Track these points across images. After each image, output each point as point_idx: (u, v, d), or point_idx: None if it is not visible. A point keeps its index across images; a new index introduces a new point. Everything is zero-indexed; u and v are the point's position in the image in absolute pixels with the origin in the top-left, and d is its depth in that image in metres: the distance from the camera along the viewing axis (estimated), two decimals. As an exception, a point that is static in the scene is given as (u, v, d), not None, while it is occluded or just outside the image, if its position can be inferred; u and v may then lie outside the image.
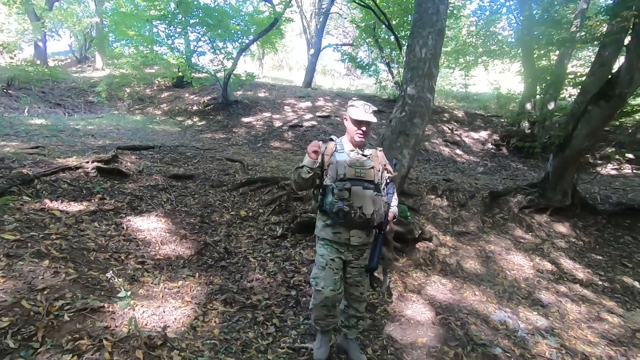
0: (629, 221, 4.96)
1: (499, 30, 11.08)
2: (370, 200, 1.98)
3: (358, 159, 2.05)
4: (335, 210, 1.95)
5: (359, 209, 1.95)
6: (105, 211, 3.48)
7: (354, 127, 2.05)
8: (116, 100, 10.65)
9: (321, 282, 2.06)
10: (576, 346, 2.80)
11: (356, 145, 2.09)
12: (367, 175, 2.02)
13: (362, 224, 2.00)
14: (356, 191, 1.96)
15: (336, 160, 2.04)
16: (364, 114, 2.00)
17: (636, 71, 4.07)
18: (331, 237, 2.06)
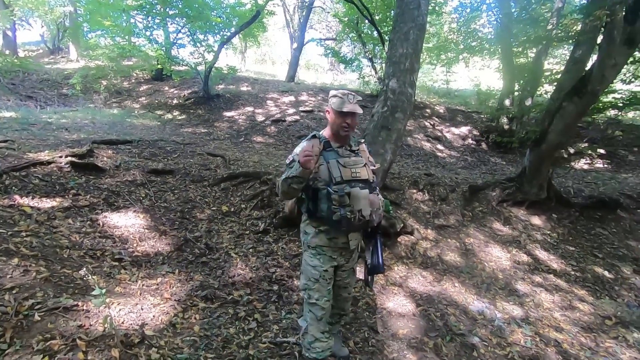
0: (600, 214, 5.17)
1: (479, 27, 11.27)
2: (368, 201, 1.82)
3: (349, 157, 1.87)
4: (337, 218, 1.76)
5: (359, 212, 1.79)
6: (80, 207, 3.36)
7: (338, 119, 1.84)
8: (92, 93, 10.26)
9: (315, 294, 1.91)
10: (549, 334, 2.91)
11: (341, 140, 1.90)
12: (362, 174, 1.85)
13: (361, 226, 1.86)
14: (355, 194, 1.78)
15: (327, 160, 1.83)
16: (348, 105, 1.81)
17: (607, 69, 4.21)
18: (326, 244, 1.89)
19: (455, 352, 2.52)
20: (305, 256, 1.97)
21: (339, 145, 1.90)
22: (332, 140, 1.91)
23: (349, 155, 1.88)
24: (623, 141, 8.25)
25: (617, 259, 4.41)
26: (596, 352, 2.76)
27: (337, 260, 1.94)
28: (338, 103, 1.83)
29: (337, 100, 1.85)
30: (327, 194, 1.78)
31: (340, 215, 1.76)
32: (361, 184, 1.83)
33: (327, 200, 1.79)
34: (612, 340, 2.93)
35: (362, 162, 1.89)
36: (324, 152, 1.86)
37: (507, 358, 2.57)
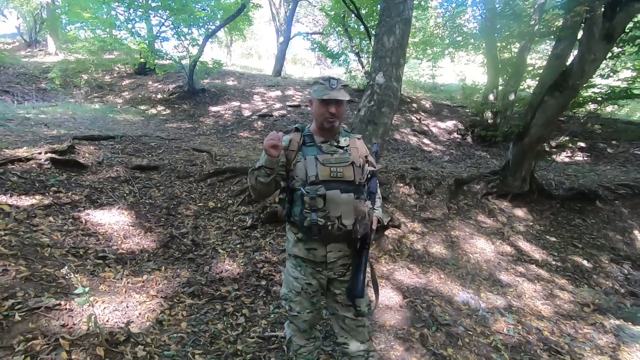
0: (580, 205, 5.33)
1: (464, 22, 11.37)
2: (351, 207, 1.55)
3: (332, 154, 1.62)
4: (307, 224, 1.52)
5: (337, 220, 1.53)
6: (61, 205, 3.28)
7: (320, 109, 1.60)
8: (72, 87, 9.97)
9: (296, 307, 1.70)
10: (531, 322, 3.00)
11: (327, 133, 1.66)
12: (346, 174, 1.58)
13: (342, 237, 1.57)
14: (333, 197, 1.53)
15: (304, 156, 1.60)
16: (331, 91, 1.58)
17: (587, 64, 4.32)
18: (304, 255, 1.64)
19: (441, 342, 2.58)
20: (288, 264, 1.76)
21: (324, 140, 1.66)
22: (316, 134, 1.68)
23: (333, 151, 1.64)
24: (602, 135, 8.50)
25: (596, 249, 4.56)
26: (575, 339, 2.86)
27: (323, 274, 1.67)
28: (319, 90, 1.61)
29: (318, 87, 1.63)
30: (301, 196, 1.55)
31: (310, 221, 1.51)
32: (344, 186, 1.56)
33: (300, 203, 1.56)
34: (590, 326, 3.04)
35: (348, 160, 1.61)
36: (303, 148, 1.63)
37: (491, 346, 2.64)
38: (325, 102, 1.60)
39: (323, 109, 1.60)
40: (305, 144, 1.64)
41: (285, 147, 1.61)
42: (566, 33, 5.74)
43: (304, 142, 1.65)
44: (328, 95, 1.58)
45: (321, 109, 1.61)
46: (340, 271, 1.68)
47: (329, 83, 1.61)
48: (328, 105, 1.60)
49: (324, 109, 1.60)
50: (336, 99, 1.58)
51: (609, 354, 2.70)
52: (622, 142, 8.18)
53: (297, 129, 1.70)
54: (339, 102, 1.61)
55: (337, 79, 1.63)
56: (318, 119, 1.64)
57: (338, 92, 1.60)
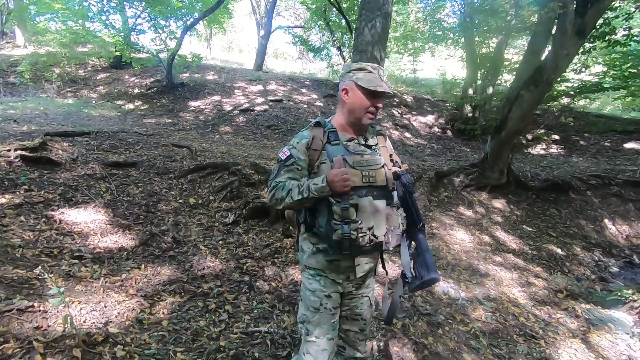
0: (554, 195, 5.53)
1: (444, 17, 11.52)
2: (384, 216, 1.37)
3: (362, 154, 1.41)
4: (338, 237, 1.30)
5: (369, 231, 1.34)
6: (33, 204, 3.16)
7: (365, 102, 1.37)
8: (43, 81, 9.55)
9: (315, 330, 1.46)
10: (508, 309, 3.10)
11: (356, 130, 1.45)
12: (378, 178, 1.38)
13: (372, 248, 1.39)
14: (365, 206, 1.33)
15: (330, 157, 1.38)
16: (382, 82, 1.37)
17: (561, 59, 4.46)
18: (325, 267, 1.45)
19: (422, 331, 2.64)
20: (303, 278, 1.54)
21: (350, 138, 1.44)
22: (342, 130, 1.45)
23: (362, 151, 1.42)
24: (575, 127, 8.82)
25: (569, 237, 4.75)
26: (549, 323, 2.98)
27: (342, 285, 1.49)
28: (369, 79, 1.36)
29: (365, 75, 1.37)
30: (327, 205, 1.32)
31: (342, 235, 1.30)
32: (376, 192, 1.38)
33: (326, 213, 1.34)
34: (563, 311, 3.18)
35: (380, 161, 1.41)
36: (327, 147, 1.41)
37: (470, 334, 2.72)
38: (375, 95, 1.37)
39: (369, 102, 1.38)
40: (329, 142, 1.42)
41: (307, 145, 1.41)
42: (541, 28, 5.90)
43: (329, 139, 1.42)
44: (383, 87, 1.35)
45: (367, 101, 1.38)
46: (358, 283, 1.53)
47: (379, 72, 1.39)
48: (377, 99, 1.39)
49: (371, 103, 1.38)
50: (387, 92, 1.38)
51: (580, 337, 2.83)
52: (594, 135, 8.51)
53: (319, 124, 1.47)
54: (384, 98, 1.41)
55: (382, 68, 1.44)
56: (356, 112, 1.41)
57: (385, 85, 1.40)
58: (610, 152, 7.80)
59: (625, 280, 3.96)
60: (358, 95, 1.38)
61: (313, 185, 1.32)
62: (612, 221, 5.16)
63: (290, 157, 1.40)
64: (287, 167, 1.41)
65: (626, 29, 5.24)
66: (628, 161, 6.99)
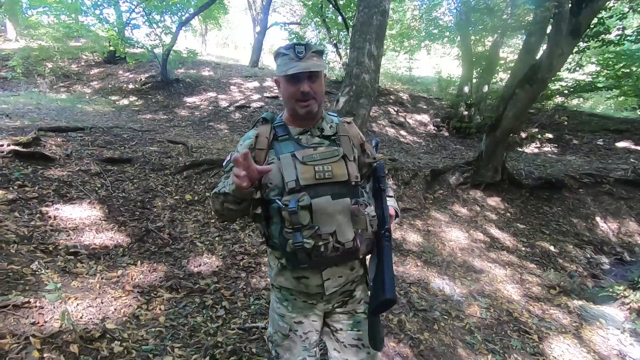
0: (548, 194, 5.59)
1: (440, 15, 11.55)
2: (348, 217, 1.16)
3: (316, 147, 1.22)
4: (291, 249, 1.12)
5: (332, 237, 1.13)
6: (27, 200, 3.12)
7: (289, 89, 1.19)
8: (35, 76, 9.41)
9: (284, 354, 1.33)
10: (502, 305, 3.14)
11: (304, 121, 1.26)
12: (336, 173, 1.18)
13: (341, 258, 1.19)
14: (321, 207, 1.12)
15: (278, 155, 1.20)
16: (299, 62, 1.14)
17: (555, 58, 4.49)
18: (294, 286, 1.26)
19: (418, 327, 2.66)
20: (271, 298, 1.38)
21: (302, 131, 1.26)
22: (291, 124, 1.28)
23: (316, 144, 1.24)
24: (568, 126, 8.89)
25: (562, 235, 4.82)
26: (542, 319, 3.03)
27: (318, 307, 1.30)
28: (283, 64, 1.17)
29: (281, 61, 1.18)
30: (278, 210, 1.14)
31: (294, 245, 1.11)
32: (336, 189, 1.17)
33: (278, 220, 1.16)
34: (555, 307, 3.23)
35: (338, 152, 1.21)
36: (275, 144, 1.23)
37: (465, 329, 2.75)
38: (293, 79, 1.17)
39: (292, 89, 1.18)
40: (277, 139, 1.24)
41: (251, 146, 1.23)
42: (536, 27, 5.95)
43: (276, 135, 1.25)
44: (295, 68, 1.14)
45: (290, 88, 1.19)
46: (340, 300, 1.31)
47: (294, 51, 1.15)
48: (297, 83, 1.17)
49: (294, 89, 1.18)
50: (308, 71, 1.14)
51: (573, 332, 2.88)
52: (587, 134, 8.60)
53: (265, 120, 1.30)
54: (313, 76, 1.17)
55: (305, 43, 1.18)
56: (288, 103, 1.23)
57: (308, 62, 1.15)
58: (602, 150, 7.89)
59: (617, 277, 4.03)
60: (282, 85, 1.21)
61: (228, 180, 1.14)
62: (604, 219, 5.24)
63: (229, 162, 1.21)
64: (226, 174, 1.23)
65: (620, 29, 5.31)
66: (620, 160, 7.08)
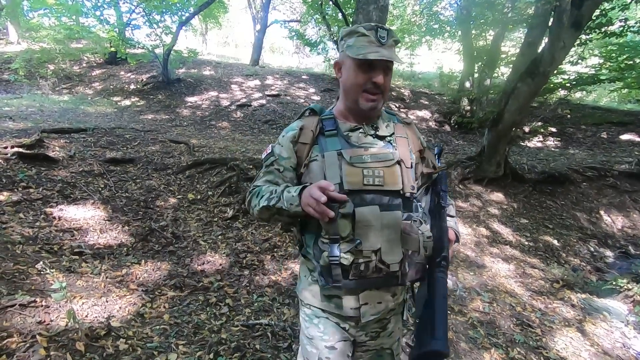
0: (551, 188, 5.57)
1: (441, 10, 11.47)
2: (398, 234, 0.98)
3: (367, 147, 1.04)
4: (325, 263, 0.96)
5: (375, 255, 0.96)
6: (32, 201, 3.15)
7: (358, 77, 1.01)
8: (37, 78, 9.47)
9: None
10: (505, 299, 3.14)
11: (359, 117, 1.09)
12: (388, 180, 1.00)
13: (383, 281, 1.02)
14: (366, 217, 0.96)
15: (322, 152, 1.04)
16: (380, 48, 0.97)
17: (557, 51, 4.46)
18: (323, 306, 1.08)
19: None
20: (300, 317, 1.18)
21: (354, 127, 1.08)
22: (343, 118, 1.11)
23: (368, 144, 1.05)
24: (571, 119, 8.84)
25: (565, 229, 4.80)
26: (545, 313, 3.02)
27: (350, 332, 1.10)
28: (359, 45, 0.99)
29: (356, 40, 1.00)
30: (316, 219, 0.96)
31: (328, 259, 0.95)
32: (386, 199, 0.99)
33: (315, 227, 1.02)
34: (559, 301, 3.22)
35: (393, 156, 1.03)
36: (320, 139, 1.07)
37: (468, 324, 2.75)
38: (368, 66, 0.99)
39: (363, 77, 1.00)
40: (323, 133, 1.07)
41: (294, 138, 1.08)
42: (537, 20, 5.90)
43: (323, 130, 1.07)
44: (377, 53, 0.96)
45: (360, 76, 1.01)
46: (375, 331, 1.12)
47: (376, 34, 0.97)
48: (372, 71, 1.00)
49: (365, 77, 1.00)
50: (387, 59, 0.97)
51: (576, 326, 2.88)
52: (590, 127, 8.55)
53: (313, 111, 1.13)
54: (388, 68, 1.02)
55: (388, 28, 1.00)
56: (350, 92, 1.05)
57: (390, 50, 0.99)
58: (606, 143, 7.84)
59: (620, 270, 4.02)
60: (350, 69, 1.03)
61: (286, 194, 0.99)
62: (608, 212, 5.21)
63: (270, 155, 1.11)
64: (266, 169, 1.13)
65: (622, 20, 5.25)
66: (624, 153, 7.03)
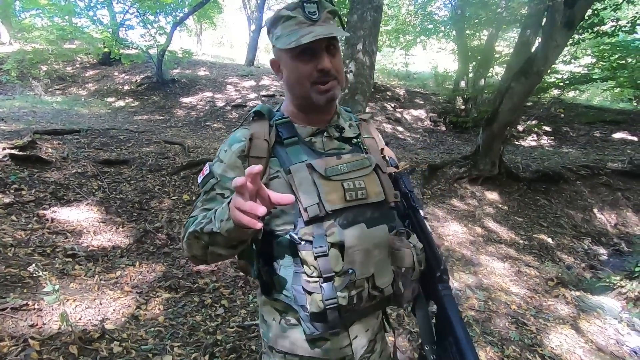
0: (545, 186, 5.61)
1: (435, 10, 11.52)
2: (386, 251, 0.82)
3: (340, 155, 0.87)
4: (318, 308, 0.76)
5: (368, 282, 0.79)
6: (24, 203, 3.12)
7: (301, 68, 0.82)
8: (30, 79, 9.38)
9: None
10: (500, 297, 3.16)
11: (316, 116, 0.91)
12: (371, 190, 0.85)
13: (374, 307, 0.89)
14: (357, 241, 0.77)
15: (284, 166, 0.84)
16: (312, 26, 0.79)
17: (550, 50, 4.50)
18: (306, 352, 0.87)
19: (416, 322, 2.67)
20: None
21: (315, 131, 0.90)
22: (298, 119, 0.91)
23: (336, 150, 0.90)
24: (565, 118, 8.91)
25: (559, 227, 4.84)
26: (540, 311, 3.04)
27: None
28: (288, 33, 0.80)
29: (285, 27, 0.81)
30: (291, 247, 0.81)
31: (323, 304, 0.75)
32: (370, 213, 0.84)
33: (291, 262, 0.82)
34: (553, 299, 3.24)
35: (370, 162, 0.88)
36: (278, 149, 0.86)
37: (463, 322, 2.76)
38: (306, 53, 0.80)
39: (305, 68, 0.82)
40: (281, 142, 0.86)
41: (242, 153, 0.84)
42: (531, 20, 5.94)
43: (280, 138, 0.86)
44: (311, 34, 0.76)
45: (301, 68, 0.82)
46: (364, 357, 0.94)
47: (304, 11, 0.79)
48: (313, 58, 0.81)
49: (307, 67, 0.81)
50: (330, 36, 0.78)
51: (570, 323, 2.90)
52: (583, 125, 8.62)
53: (260, 115, 0.91)
54: (332, 46, 0.82)
55: (317, 0, 0.81)
56: (299, 89, 0.86)
57: (326, 25, 0.80)
58: (599, 142, 7.91)
59: (614, 267, 4.05)
60: (288, 65, 0.84)
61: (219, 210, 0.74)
62: (601, 210, 5.26)
63: (209, 177, 0.86)
64: (205, 195, 0.87)
65: (614, 20, 5.31)
66: (616, 151, 7.10)
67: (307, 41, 0.76)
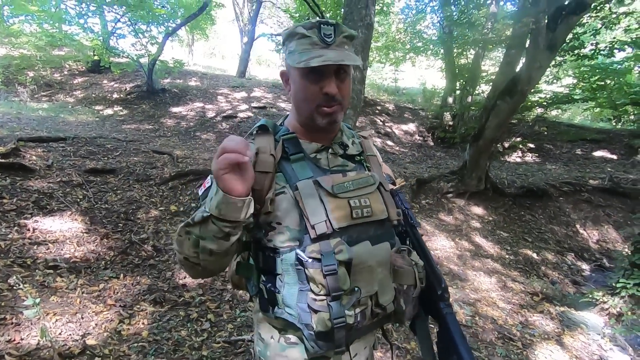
0: (529, 202, 5.73)
1: (424, 28, 11.87)
2: (388, 269, 0.84)
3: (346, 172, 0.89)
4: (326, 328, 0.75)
5: (371, 300, 0.81)
6: (5, 212, 3.03)
7: (307, 88, 0.83)
8: (16, 85, 9.22)
9: None
10: (487, 312, 3.19)
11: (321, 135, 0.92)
12: (376, 208, 0.86)
13: (375, 325, 0.89)
14: (363, 259, 0.79)
15: (290, 182, 0.84)
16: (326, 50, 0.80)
17: (533, 71, 4.67)
18: None
19: (404, 336, 2.67)
20: None
21: (320, 148, 0.91)
22: (303, 136, 0.92)
23: (341, 167, 0.91)
24: (548, 136, 9.18)
25: (544, 242, 4.93)
26: (526, 326, 3.07)
27: None
28: (300, 50, 0.81)
29: (297, 43, 0.82)
30: (296, 265, 0.80)
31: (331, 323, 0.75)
32: (373, 231, 0.86)
33: (296, 280, 0.80)
34: (538, 314, 3.29)
35: (374, 180, 0.90)
36: (284, 165, 0.86)
37: (451, 337, 2.77)
38: (315, 74, 0.81)
39: (312, 89, 0.82)
40: (287, 158, 0.87)
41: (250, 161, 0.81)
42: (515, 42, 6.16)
43: (285, 153, 0.87)
44: (321, 58, 0.77)
45: (308, 88, 0.83)
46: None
47: (320, 33, 0.80)
48: (321, 80, 0.81)
49: (314, 88, 0.82)
50: (339, 63, 0.79)
51: (555, 338, 2.93)
52: (566, 143, 8.89)
53: (265, 129, 0.89)
54: (342, 71, 0.83)
55: (335, 23, 0.81)
56: (303, 108, 0.87)
57: (339, 50, 0.81)
58: (581, 160, 8.16)
59: (596, 283, 4.14)
60: (295, 82, 0.85)
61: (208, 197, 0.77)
62: (584, 226, 5.39)
63: (210, 190, 0.79)
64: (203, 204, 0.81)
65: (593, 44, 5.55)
66: (597, 169, 7.33)
67: (314, 64, 0.77)
